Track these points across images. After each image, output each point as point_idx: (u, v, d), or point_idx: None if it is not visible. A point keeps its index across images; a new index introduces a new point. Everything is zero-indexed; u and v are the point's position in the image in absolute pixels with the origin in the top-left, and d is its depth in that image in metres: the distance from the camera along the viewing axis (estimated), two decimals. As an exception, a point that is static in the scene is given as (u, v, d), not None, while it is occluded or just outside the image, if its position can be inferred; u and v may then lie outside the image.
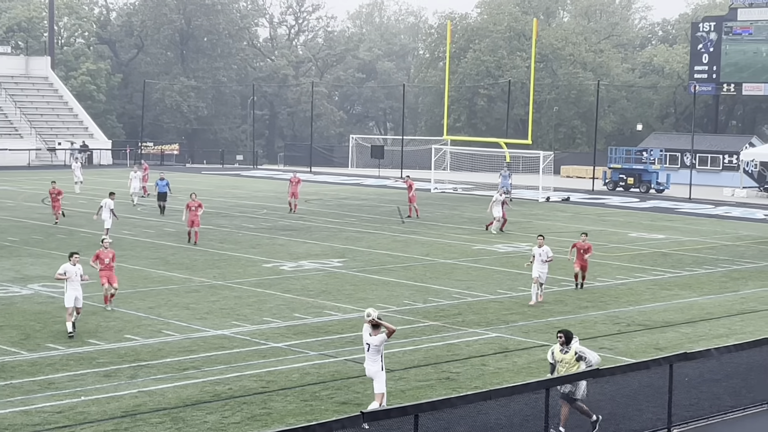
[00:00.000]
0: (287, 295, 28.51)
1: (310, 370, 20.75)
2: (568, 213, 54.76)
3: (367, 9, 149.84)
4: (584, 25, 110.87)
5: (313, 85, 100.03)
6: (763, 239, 44.92)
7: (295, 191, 50.76)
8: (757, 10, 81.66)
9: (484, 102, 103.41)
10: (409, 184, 50.41)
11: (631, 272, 34.28)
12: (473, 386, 19.11)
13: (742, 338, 22.60)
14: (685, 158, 78.19)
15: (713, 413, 18.22)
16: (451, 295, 29.08)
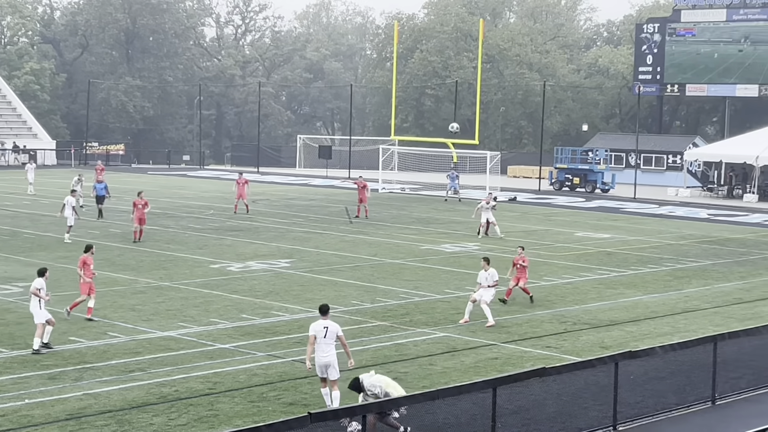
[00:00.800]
0: (234, 295, 28.39)
1: (257, 371, 20.68)
2: (515, 213, 55.05)
3: (314, 9, 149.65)
4: (530, 26, 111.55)
5: (260, 85, 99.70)
6: (707, 238, 45.47)
7: (242, 192, 50.52)
8: (700, 12, 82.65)
9: (432, 102, 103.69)
10: (362, 185, 50.46)
11: (577, 271, 34.54)
12: (421, 386, 19.14)
13: (686, 336, 22.86)
14: (630, 158, 78.94)
15: (658, 411, 18.41)
16: (398, 295, 29.12)
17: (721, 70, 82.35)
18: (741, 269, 36.36)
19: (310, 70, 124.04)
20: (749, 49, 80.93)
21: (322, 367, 17.83)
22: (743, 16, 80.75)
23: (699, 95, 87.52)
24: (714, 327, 25.28)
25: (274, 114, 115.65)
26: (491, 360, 21.97)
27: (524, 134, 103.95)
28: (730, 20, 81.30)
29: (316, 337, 17.81)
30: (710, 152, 73.81)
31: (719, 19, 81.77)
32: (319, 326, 17.90)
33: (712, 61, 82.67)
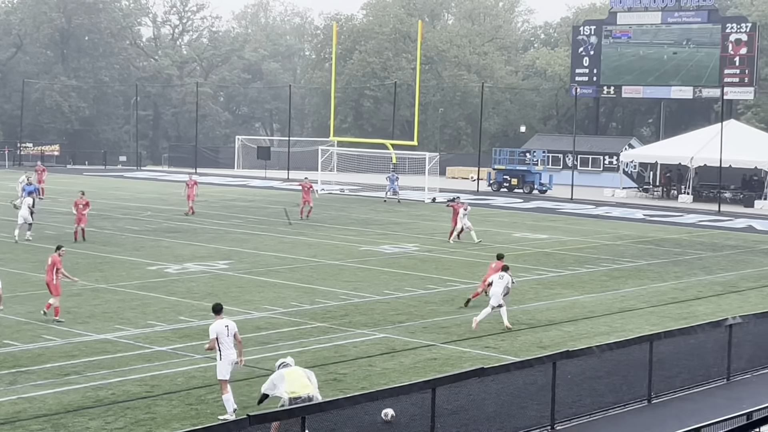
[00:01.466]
0: (172, 297, 28.16)
1: (195, 373, 20.52)
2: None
3: (252, 9, 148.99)
4: (468, 28, 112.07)
5: (197, 86, 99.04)
6: (642, 238, 45.98)
7: (191, 194, 50.34)
8: (636, 14, 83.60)
9: (371, 103, 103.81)
10: (308, 186, 50.57)
11: (515, 272, 34.59)
12: (360, 387, 19.14)
13: (622, 336, 23.09)
14: (567, 159, 79.62)
15: (595, 410, 18.56)
16: (338, 297, 29.08)
17: (656, 72, 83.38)
18: (676, 269, 36.82)
19: (249, 70, 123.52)
20: (684, 51, 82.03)
21: (230, 365, 17.84)
22: (678, 18, 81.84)
23: (635, 97, 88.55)
24: (650, 326, 25.55)
25: (212, 114, 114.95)
26: (430, 360, 22.01)
27: (463, 135, 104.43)
28: (665, 23, 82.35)
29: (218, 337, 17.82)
30: (646, 153, 74.69)
31: (654, 21, 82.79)
32: (221, 326, 17.95)
33: (647, 63, 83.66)
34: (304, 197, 50.21)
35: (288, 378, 15.90)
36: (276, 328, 24.64)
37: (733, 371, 21.49)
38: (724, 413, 15.63)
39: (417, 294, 29.90)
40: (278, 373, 16.10)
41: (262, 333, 24.10)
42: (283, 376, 15.95)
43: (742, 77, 79.08)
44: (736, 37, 79.27)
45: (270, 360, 21.53)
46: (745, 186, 68.38)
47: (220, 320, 18.10)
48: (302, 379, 15.92)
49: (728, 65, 79.42)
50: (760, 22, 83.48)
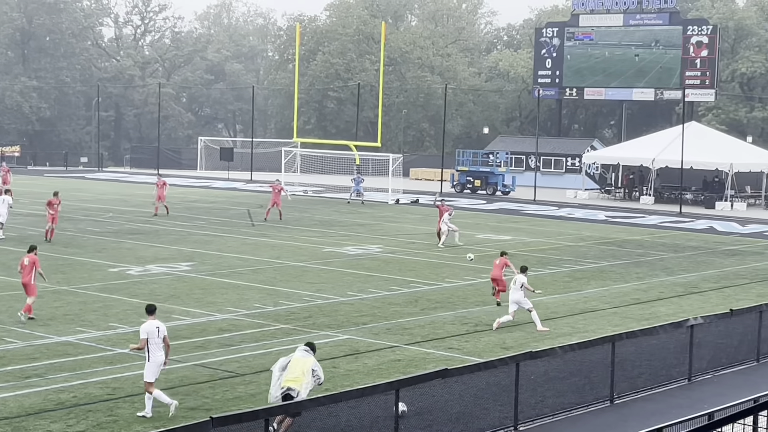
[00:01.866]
0: (134, 300, 27.97)
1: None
2: (417, 215, 55.33)
3: (215, 10, 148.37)
4: (432, 30, 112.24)
5: (160, 86, 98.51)
6: (605, 240, 46.23)
7: (161, 194, 50.32)
8: (598, 17, 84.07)
9: (334, 104, 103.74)
10: (278, 188, 50.85)
11: (478, 273, 34.80)
12: (323, 389, 19.09)
13: (585, 337, 23.20)
14: (530, 161, 79.92)
15: (558, 411, 18.64)
16: (301, 298, 29.02)
17: (618, 74, 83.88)
18: (638, 270, 37.05)
19: (211, 71, 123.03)
20: (646, 53, 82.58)
21: (158, 367, 17.84)
22: (640, 21, 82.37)
23: (597, 99, 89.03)
24: (612, 327, 25.69)
25: (174, 115, 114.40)
26: (394, 362, 22.02)
27: (426, 137, 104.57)
28: (627, 25, 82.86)
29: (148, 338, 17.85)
30: (608, 155, 75.12)
31: (616, 23, 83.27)
32: (152, 327, 18.03)
33: (609, 65, 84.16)
34: (274, 199, 50.10)
35: (290, 367, 16.56)
36: (239, 330, 24.55)
37: (695, 372, 21.66)
38: (686, 413, 15.74)
39: (380, 295, 29.91)
40: (288, 357, 16.86)
41: (225, 335, 24.01)
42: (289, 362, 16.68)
43: (703, 79, 79.73)
44: (697, 39, 79.89)
45: (233, 362, 21.47)
46: (706, 187, 68.94)
47: (151, 321, 18.21)
48: (296, 371, 16.40)
49: (689, 67, 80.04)
50: (720, 24, 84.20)
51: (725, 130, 79.96)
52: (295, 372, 16.46)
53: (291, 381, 16.38)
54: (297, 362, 16.62)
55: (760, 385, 19.63)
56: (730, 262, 40.25)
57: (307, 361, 16.73)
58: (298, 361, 16.66)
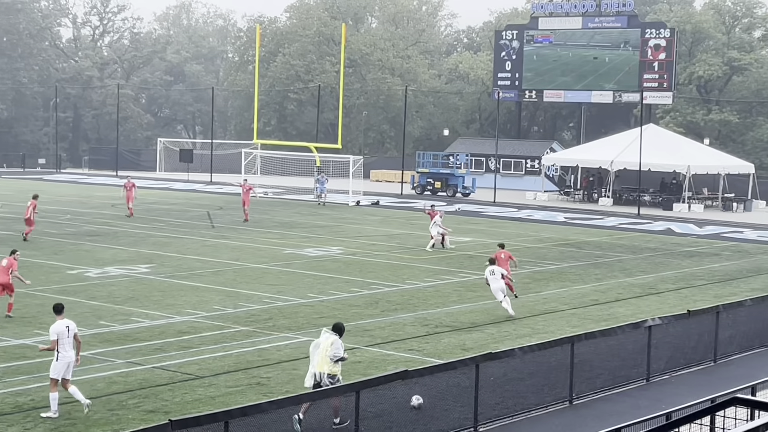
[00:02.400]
0: (93, 302, 27.78)
1: (116, 378, 20.27)
2: (377, 216, 55.35)
3: (174, 11, 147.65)
4: (392, 32, 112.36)
5: (119, 87, 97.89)
6: (564, 241, 46.48)
7: (130, 196, 50.68)
8: (557, 19, 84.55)
9: (294, 106, 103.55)
10: (248, 188, 51.10)
11: (438, 274, 34.90)
12: (284, 391, 19.06)
13: (544, 338, 23.29)
14: (490, 163, 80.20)
15: (517, 411, 18.72)
16: (261, 300, 28.94)
17: (577, 76, 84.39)
18: (597, 271, 37.29)
19: (171, 72, 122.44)
20: (604, 56, 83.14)
21: (65, 366, 17.85)
22: (598, 24, 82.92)
23: (556, 101, 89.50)
24: (571, 328, 25.83)
25: (133, 117, 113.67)
26: (354, 364, 21.99)
27: (386, 138, 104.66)
28: (585, 28, 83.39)
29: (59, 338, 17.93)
30: (567, 157, 75.55)
31: (575, 26, 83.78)
32: (61, 326, 18.08)
33: (568, 68, 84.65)
34: (243, 198, 50.39)
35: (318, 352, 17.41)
36: (198, 332, 24.45)
37: (653, 372, 21.83)
38: (644, 414, 15.86)
39: (341, 297, 29.89)
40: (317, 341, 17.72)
41: (185, 337, 23.90)
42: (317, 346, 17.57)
43: (661, 82, 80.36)
44: (655, 42, 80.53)
45: (192, 364, 21.37)
46: (663, 189, 69.51)
47: (60, 321, 18.24)
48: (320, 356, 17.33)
49: (647, 70, 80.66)
50: (678, 27, 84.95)
51: (683, 132, 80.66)
52: (319, 356, 17.36)
53: (317, 366, 17.31)
54: (322, 345, 17.53)
55: (717, 385, 19.81)
56: (688, 263, 40.61)
57: (328, 341, 17.55)
58: (322, 344, 17.54)
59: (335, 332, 17.81)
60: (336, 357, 17.34)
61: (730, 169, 69.37)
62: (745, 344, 24.99)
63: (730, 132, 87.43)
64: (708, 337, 23.75)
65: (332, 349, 17.34)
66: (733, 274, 37.85)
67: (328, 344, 17.38)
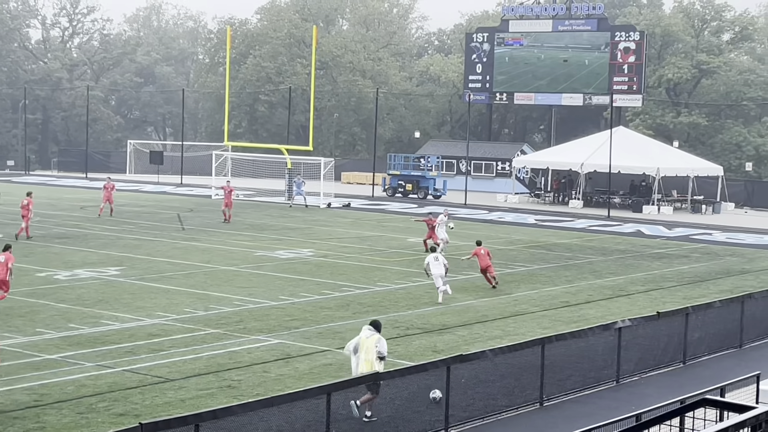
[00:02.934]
0: (62, 305, 27.62)
1: (86, 381, 20.16)
2: (348, 219, 55.33)
3: (144, 12, 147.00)
4: (363, 34, 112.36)
5: (88, 89, 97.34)
6: (534, 243, 46.63)
7: (109, 197, 51.23)
8: (528, 22, 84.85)
9: (265, 108, 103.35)
10: (229, 189, 51.49)
11: (409, 277, 34.93)
12: (255, 393, 19.02)
13: (515, 339, 23.36)
14: (461, 165, 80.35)
15: (488, 413, 18.76)
16: (232, 302, 28.87)
17: (547, 79, 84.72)
18: (567, 273, 37.43)
19: (141, 74, 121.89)
20: (574, 59, 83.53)
21: None
22: (568, 27, 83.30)
23: (527, 104, 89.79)
24: (542, 330, 25.91)
25: (103, 118, 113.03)
26: (326, 366, 21.99)
27: (358, 141, 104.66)
28: (555, 31, 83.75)
29: None
30: (537, 159, 75.82)
31: (546, 29, 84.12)
32: None
33: (539, 71, 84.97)
34: (226, 200, 50.83)
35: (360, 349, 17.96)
36: (169, 335, 24.36)
37: (623, 373, 21.93)
38: (614, 415, 15.92)
39: (312, 299, 29.87)
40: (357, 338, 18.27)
41: (155, 340, 23.80)
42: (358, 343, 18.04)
43: (631, 85, 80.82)
44: (624, 45, 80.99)
45: (162, 367, 21.29)
46: (633, 191, 69.87)
47: None
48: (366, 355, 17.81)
49: (617, 73, 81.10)
50: (647, 31, 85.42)
51: (652, 135, 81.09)
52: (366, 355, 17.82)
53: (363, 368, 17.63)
54: (364, 343, 17.99)
55: (687, 387, 19.93)
56: (657, 265, 40.84)
57: (371, 340, 18.02)
58: (365, 342, 18.01)
59: (375, 329, 18.29)
60: (383, 354, 17.90)
61: (699, 172, 69.82)
62: (714, 346, 25.17)
63: (699, 135, 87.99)
64: (677, 338, 23.90)
65: (379, 346, 17.91)
66: (702, 276, 38.11)
67: (373, 344, 17.90)
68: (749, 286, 34.71)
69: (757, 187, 74.81)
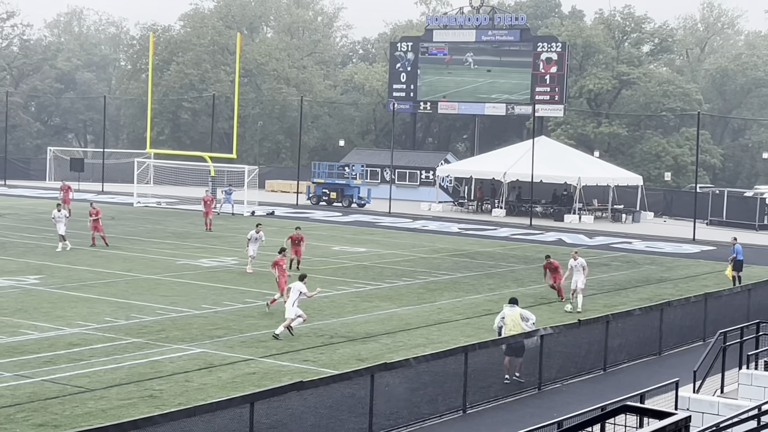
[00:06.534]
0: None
1: (4, 392, 19.81)
2: (273, 227, 55.08)
3: (65, 18, 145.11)
4: (287, 42, 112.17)
5: (7, 95, 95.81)
6: (458, 251, 46.89)
7: (66, 198, 52.50)
8: (451, 32, 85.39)
9: (189, 115, 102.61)
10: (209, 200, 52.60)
11: (333, 285, 34.91)
12: (177, 403, 18.85)
13: (438, 347, 23.45)
14: (385, 174, 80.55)
15: (412, 421, 18.82)
16: (154, 311, 28.59)
17: (471, 89, 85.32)
18: (490, 281, 37.69)
19: (62, 80, 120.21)
20: (497, 69, 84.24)
21: None
22: (492, 37, 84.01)
23: (450, 113, 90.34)
24: (465, 338, 26.06)
25: (22, 125, 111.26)
26: (249, 375, 21.89)
27: (282, 149, 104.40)
28: (479, 41, 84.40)
29: None
30: (461, 168, 76.26)
31: (469, 39, 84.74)
32: None
33: (462, 80, 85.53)
34: (206, 210, 51.36)
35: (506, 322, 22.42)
36: (89, 344, 24.04)
37: (545, 381, 22.16)
38: (536, 422, 16.05)
39: (235, 308, 29.71)
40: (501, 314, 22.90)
41: (75, 349, 23.47)
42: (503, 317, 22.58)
43: (553, 95, 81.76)
44: (546, 56, 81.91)
45: (83, 377, 21.01)
46: (555, 201, 70.62)
47: None
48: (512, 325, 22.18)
49: (539, 83, 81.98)
50: (569, 41, 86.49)
51: (573, 144, 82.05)
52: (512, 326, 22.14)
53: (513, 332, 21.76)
54: (509, 317, 22.40)
55: (607, 394, 20.17)
56: (579, 273, 41.23)
57: (515, 312, 22.45)
58: (509, 316, 22.42)
59: (515, 304, 22.85)
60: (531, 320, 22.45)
61: (619, 181, 70.79)
62: (634, 353, 25.53)
63: (619, 144, 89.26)
64: (598, 346, 24.21)
65: (524, 314, 22.47)
66: (622, 284, 38.63)
67: (517, 315, 22.30)
68: (668, 294, 35.26)
69: (675, 196, 76.07)
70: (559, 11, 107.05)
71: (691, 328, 28.04)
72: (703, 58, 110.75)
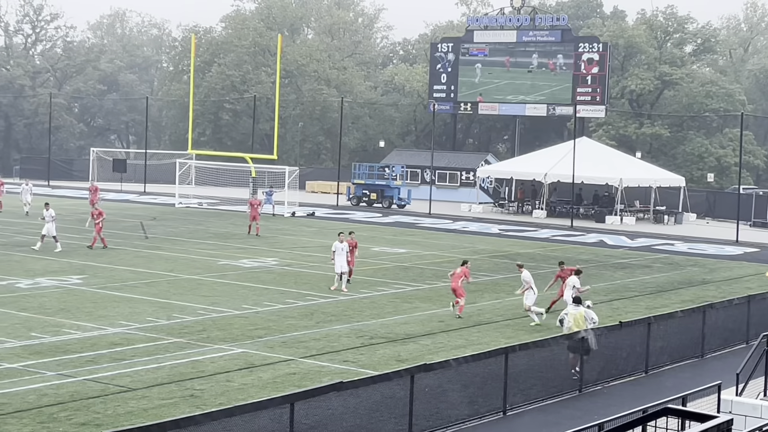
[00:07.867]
0: (23, 313, 27.38)
1: (47, 390, 19.99)
2: (313, 228, 55.25)
3: (108, 20, 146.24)
4: (328, 43, 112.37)
5: (51, 96, 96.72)
6: (498, 253, 46.76)
7: (94, 199, 53.46)
8: (492, 33, 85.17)
9: (230, 116, 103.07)
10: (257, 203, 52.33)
11: (374, 286, 34.92)
12: (218, 403, 18.93)
13: (478, 349, 23.40)
14: (425, 175, 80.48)
15: (451, 422, 18.78)
16: (195, 311, 28.73)
17: (511, 89, 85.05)
18: (531, 283, 37.46)
19: (104, 81, 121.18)
20: (538, 69, 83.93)
21: None
22: (532, 37, 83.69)
23: (491, 114, 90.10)
24: (505, 339, 25.98)
25: (65, 126, 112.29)
26: (289, 375, 21.94)
27: (322, 150, 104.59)
28: (520, 41, 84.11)
29: None
30: (501, 169, 76.06)
31: (510, 40, 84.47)
32: None
33: (503, 81, 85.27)
34: (253, 213, 50.79)
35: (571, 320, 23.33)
36: (131, 344, 24.21)
37: (585, 383, 22.03)
38: (577, 424, 15.98)
39: (276, 308, 29.79)
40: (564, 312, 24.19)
41: (117, 349, 23.65)
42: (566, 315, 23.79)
43: (594, 96, 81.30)
44: (588, 56, 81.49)
45: (124, 376, 21.15)
46: (596, 202, 70.24)
47: None
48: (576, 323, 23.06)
49: (581, 84, 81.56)
50: (611, 42, 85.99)
51: (615, 145, 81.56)
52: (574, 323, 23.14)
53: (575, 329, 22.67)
54: (571, 315, 23.41)
55: (649, 396, 20.04)
56: (620, 275, 41.06)
57: (579, 311, 23.40)
58: (572, 313, 23.47)
59: (579, 303, 23.84)
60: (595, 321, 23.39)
61: (661, 182, 70.29)
62: (676, 355, 25.34)
63: (661, 145, 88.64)
64: (640, 348, 24.04)
65: (586, 314, 23.33)
66: (664, 286, 38.35)
67: (581, 314, 23.19)
68: (710, 296, 34.97)
69: (718, 197, 75.40)
70: (601, 11, 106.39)
71: (733, 331, 27.77)
72: (746, 58, 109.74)
